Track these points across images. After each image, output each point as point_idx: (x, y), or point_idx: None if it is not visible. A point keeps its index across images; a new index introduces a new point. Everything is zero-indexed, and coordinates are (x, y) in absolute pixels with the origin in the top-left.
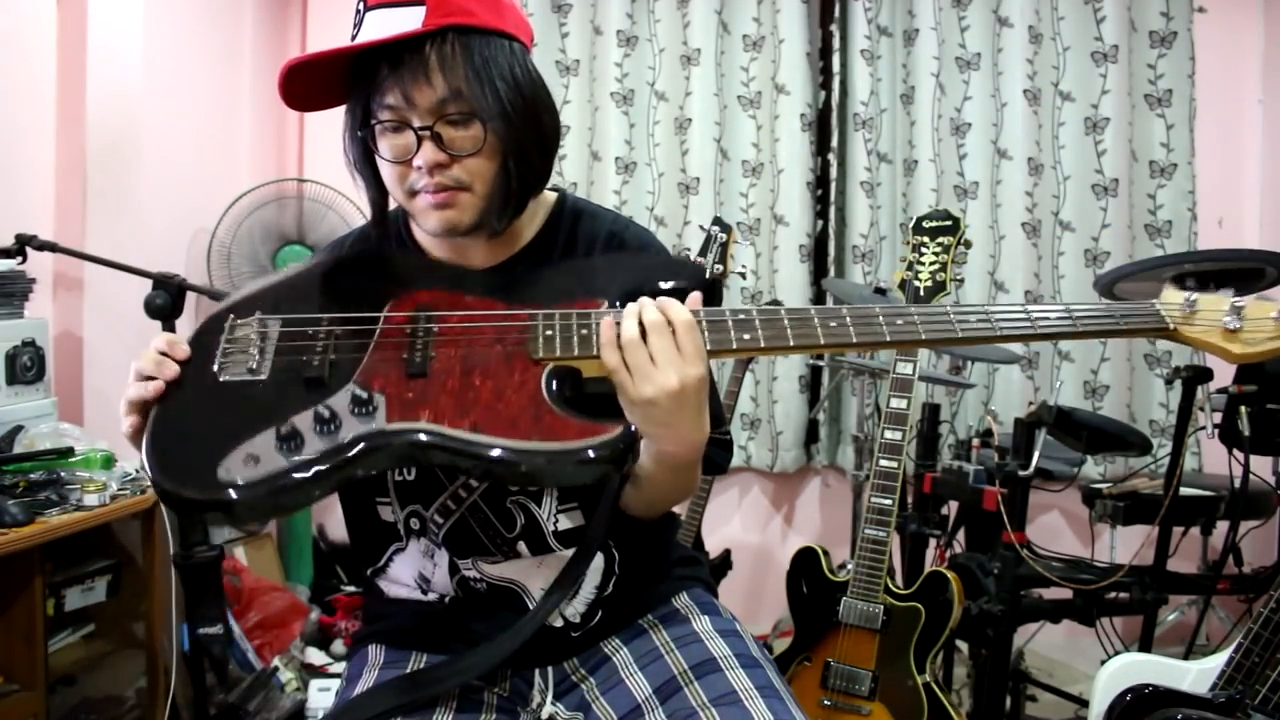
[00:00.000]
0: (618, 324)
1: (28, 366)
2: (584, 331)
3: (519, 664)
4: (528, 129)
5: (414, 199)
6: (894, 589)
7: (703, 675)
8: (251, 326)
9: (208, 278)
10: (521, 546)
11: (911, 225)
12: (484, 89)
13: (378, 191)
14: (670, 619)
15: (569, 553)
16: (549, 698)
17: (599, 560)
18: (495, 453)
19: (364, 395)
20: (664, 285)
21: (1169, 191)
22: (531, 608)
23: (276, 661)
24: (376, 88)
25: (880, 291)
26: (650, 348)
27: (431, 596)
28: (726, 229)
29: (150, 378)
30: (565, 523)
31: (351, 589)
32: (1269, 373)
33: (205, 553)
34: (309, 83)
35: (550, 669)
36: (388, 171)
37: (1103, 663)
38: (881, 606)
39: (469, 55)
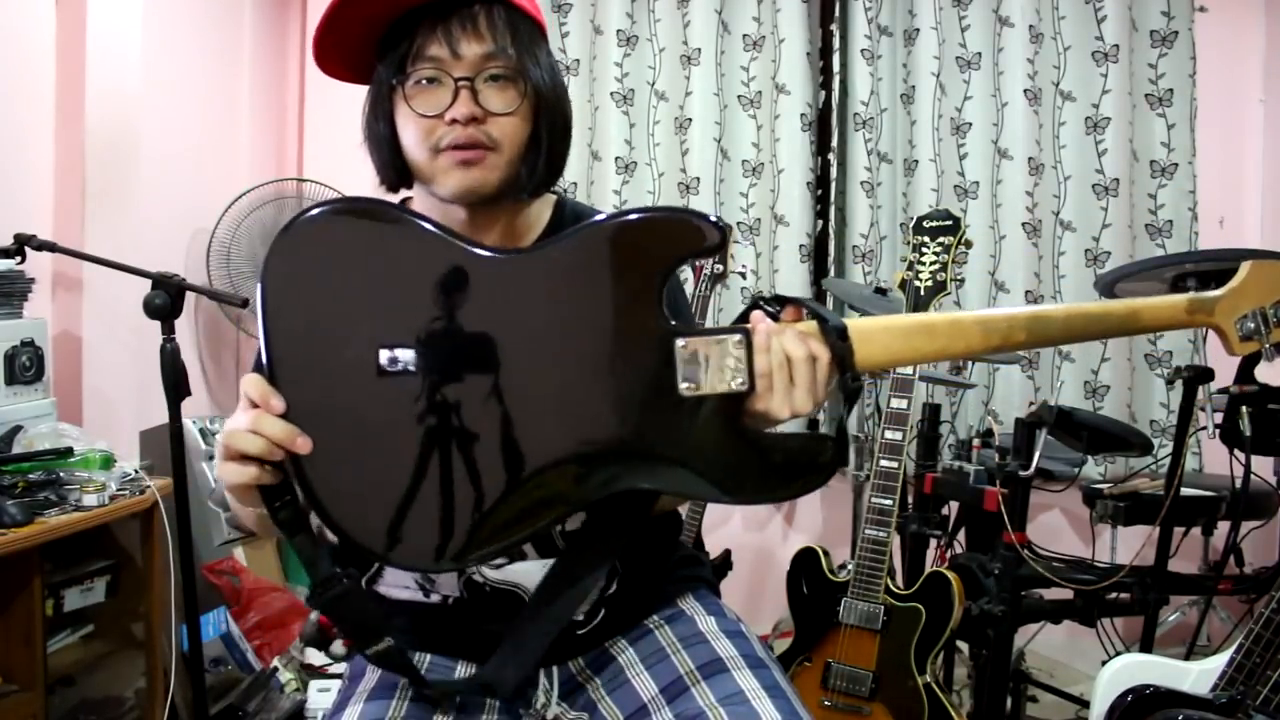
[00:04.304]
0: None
1: (27, 366)
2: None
3: None
4: (558, 108)
5: (438, 157)
6: (894, 589)
7: (710, 675)
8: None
9: (207, 278)
10: (528, 548)
11: (912, 225)
12: (525, 56)
13: (392, 153)
14: (676, 619)
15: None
16: (554, 698)
17: None
18: None
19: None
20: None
21: (1170, 191)
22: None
23: (276, 662)
24: (418, 42)
25: (881, 291)
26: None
27: (435, 598)
28: (727, 228)
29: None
30: (572, 522)
31: None
32: None
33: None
34: (348, 32)
35: (555, 669)
36: (413, 130)
37: (1103, 663)
38: (882, 607)
39: (514, 26)
